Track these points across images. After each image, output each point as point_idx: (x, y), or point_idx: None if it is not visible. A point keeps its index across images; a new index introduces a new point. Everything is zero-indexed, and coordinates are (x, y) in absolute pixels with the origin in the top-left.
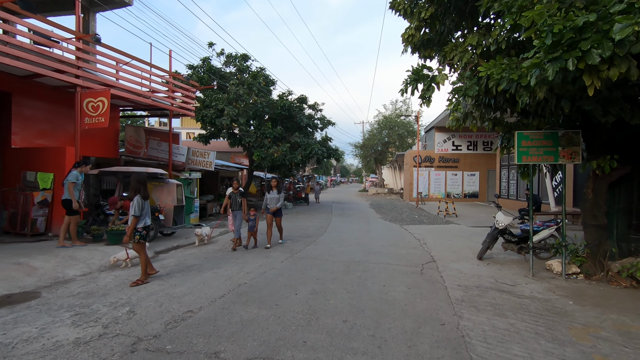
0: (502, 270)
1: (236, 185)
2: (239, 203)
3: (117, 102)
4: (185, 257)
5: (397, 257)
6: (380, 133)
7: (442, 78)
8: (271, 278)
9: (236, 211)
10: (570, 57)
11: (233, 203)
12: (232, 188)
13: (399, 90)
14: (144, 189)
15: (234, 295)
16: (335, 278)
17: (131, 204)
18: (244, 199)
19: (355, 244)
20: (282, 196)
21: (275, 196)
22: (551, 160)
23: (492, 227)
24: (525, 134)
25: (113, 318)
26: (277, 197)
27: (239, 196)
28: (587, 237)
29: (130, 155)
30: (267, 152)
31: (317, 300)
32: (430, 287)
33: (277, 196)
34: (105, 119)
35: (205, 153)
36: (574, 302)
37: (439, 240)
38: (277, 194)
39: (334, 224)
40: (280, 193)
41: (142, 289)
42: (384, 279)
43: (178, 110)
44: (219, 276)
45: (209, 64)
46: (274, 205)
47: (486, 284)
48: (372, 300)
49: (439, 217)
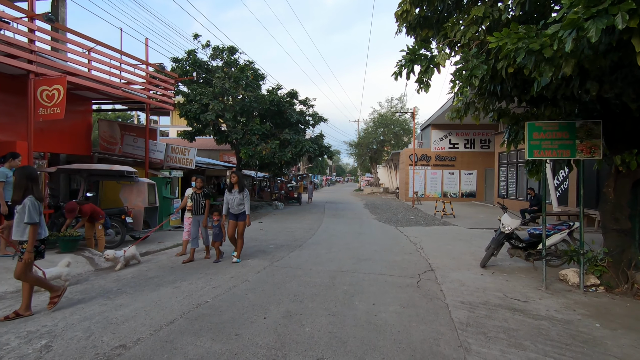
0: (510, 282)
1: (200, 184)
2: (203, 206)
3: (88, 94)
4: (150, 266)
5: (390, 265)
6: (375, 131)
7: (443, 58)
8: (240, 295)
9: (199, 216)
10: (620, 11)
11: (195, 206)
12: (195, 187)
13: (392, 73)
14: (36, 187)
15: (187, 321)
16: (316, 294)
17: (20, 207)
18: (208, 202)
19: (345, 249)
20: (245, 196)
21: (237, 196)
22: (567, 155)
23: (496, 231)
24: (538, 124)
25: (18, 358)
26: (240, 197)
27: (203, 198)
28: (608, 243)
29: (105, 152)
30: (255, 149)
31: (290, 327)
32: (428, 305)
33: (238, 196)
34: (61, 110)
35: (186, 150)
36: (601, 324)
37: (437, 245)
38: (239, 194)
39: (325, 225)
40: (243, 191)
41: (77, 311)
42: (374, 295)
43: (155, 103)
44: (179, 292)
45: (195, 56)
46: (236, 208)
47: (494, 299)
48: (357, 327)
49: (436, 218)
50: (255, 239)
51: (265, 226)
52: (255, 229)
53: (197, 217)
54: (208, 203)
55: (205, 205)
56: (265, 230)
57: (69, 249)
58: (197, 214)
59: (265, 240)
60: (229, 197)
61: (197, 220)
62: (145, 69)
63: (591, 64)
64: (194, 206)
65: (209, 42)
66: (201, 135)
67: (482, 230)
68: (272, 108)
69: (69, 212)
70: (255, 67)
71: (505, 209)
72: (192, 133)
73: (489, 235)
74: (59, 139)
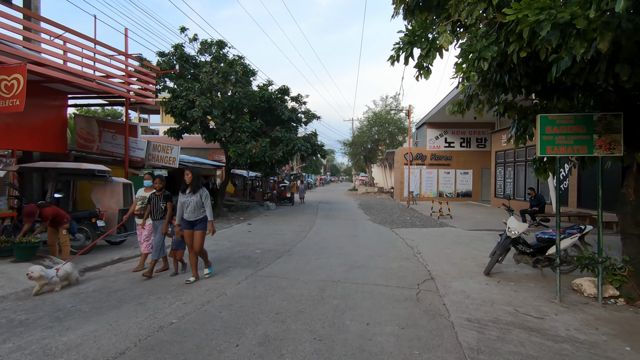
0: (519, 292)
1: (159, 184)
2: (163, 210)
3: (62, 88)
4: (118, 277)
5: (386, 273)
6: (370, 130)
7: (446, 40)
8: (212, 313)
9: (158, 221)
10: None
11: (154, 210)
12: (149, 187)
13: (389, 57)
14: None
15: (140, 352)
16: (302, 311)
17: None
18: (169, 204)
19: (337, 254)
20: (204, 197)
21: (193, 198)
22: (584, 151)
23: (502, 236)
24: (551, 117)
25: None
26: (196, 199)
27: (163, 200)
28: (627, 250)
29: (82, 150)
30: (244, 147)
31: (266, 358)
32: (431, 324)
33: (194, 198)
34: (21, 102)
35: (168, 148)
36: (631, 346)
37: (436, 248)
38: (194, 195)
39: (317, 227)
40: (198, 192)
41: (13, 337)
42: (369, 311)
43: (135, 97)
44: (143, 310)
45: (182, 51)
46: (193, 213)
47: (505, 315)
48: (348, 356)
49: (432, 219)
50: (241, 243)
51: (254, 228)
52: (243, 232)
53: (158, 222)
54: (170, 206)
55: (167, 209)
56: (253, 232)
57: (25, 257)
58: (157, 219)
59: (252, 244)
60: (182, 199)
61: (156, 226)
62: (125, 61)
63: (629, 40)
64: (152, 210)
65: (196, 35)
66: (188, 133)
67: (482, 232)
68: (262, 105)
69: (27, 216)
70: (245, 62)
71: (511, 212)
72: (179, 131)
73: (489, 237)
74: (30, 135)
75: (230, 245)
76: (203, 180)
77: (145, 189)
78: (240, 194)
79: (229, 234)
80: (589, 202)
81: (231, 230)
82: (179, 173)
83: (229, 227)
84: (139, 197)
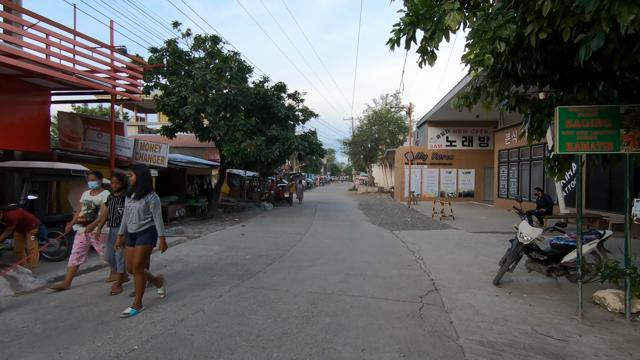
0: (535, 307)
1: (117, 184)
2: (121, 215)
3: (43, 83)
4: (87, 288)
5: (386, 283)
6: (370, 129)
7: (454, 19)
8: (182, 336)
9: (116, 228)
10: None
11: (112, 215)
12: (93, 189)
13: (388, 41)
14: None
15: None
16: (287, 332)
17: None
18: (105, 206)
19: (332, 260)
20: (153, 205)
21: (136, 205)
22: (609, 148)
23: (513, 242)
24: (572, 110)
25: None
26: (140, 206)
27: (120, 204)
28: None
29: (66, 149)
30: (239, 146)
31: None
32: (437, 349)
33: (138, 205)
34: None
35: (157, 146)
36: None
37: (439, 253)
38: (138, 201)
39: (314, 229)
40: (144, 198)
41: None
42: (365, 333)
43: (121, 93)
44: (103, 331)
45: (175, 46)
46: (135, 224)
47: (521, 337)
48: None
49: (434, 220)
50: (232, 248)
51: (247, 230)
52: (236, 235)
53: (114, 229)
54: (106, 208)
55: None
56: (246, 235)
57: None
58: (115, 225)
59: (243, 248)
60: (126, 206)
61: (115, 234)
62: (111, 55)
63: None
64: (110, 215)
65: (189, 30)
66: (181, 131)
67: (487, 235)
68: (258, 102)
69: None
70: (241, 58)
71: (523, 215)
72: (172, 129)
73: (495, 240)
74: (10, 133)
75: (219, 250)
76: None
77: (91, 191)
78: (237, 194)
79: (221, 236)
80: (597, 202)
81: (223, 232)
82: (174, 173)
83: (221, 230)
84: (84, 202)
